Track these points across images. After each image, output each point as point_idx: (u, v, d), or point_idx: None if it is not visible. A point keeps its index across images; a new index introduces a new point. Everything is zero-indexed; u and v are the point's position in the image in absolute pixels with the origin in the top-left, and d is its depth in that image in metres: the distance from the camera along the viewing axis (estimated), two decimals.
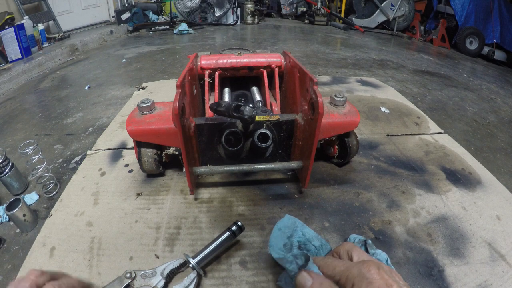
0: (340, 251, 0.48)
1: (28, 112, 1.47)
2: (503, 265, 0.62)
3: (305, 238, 0.57)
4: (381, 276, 0.37)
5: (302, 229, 0.58)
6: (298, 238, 0.56)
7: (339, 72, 2.04)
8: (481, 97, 1.84)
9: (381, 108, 1.33)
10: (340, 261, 0.43)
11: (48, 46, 2.81)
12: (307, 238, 0.57)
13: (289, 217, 0.60)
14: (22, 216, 0.70)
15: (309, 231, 0.58)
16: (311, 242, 0.56)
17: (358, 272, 0.38)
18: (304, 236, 0.57)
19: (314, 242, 0.56)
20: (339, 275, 0.41)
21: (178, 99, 0.58)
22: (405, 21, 4.21)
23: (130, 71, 2.08)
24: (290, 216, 0.60)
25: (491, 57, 3.55)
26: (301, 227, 0.58)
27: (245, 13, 4.27)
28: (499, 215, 0.75)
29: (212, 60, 0.99)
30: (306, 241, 0.56)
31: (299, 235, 0.57)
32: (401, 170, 0.92)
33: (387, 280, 0.37)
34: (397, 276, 0.39)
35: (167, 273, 0.56)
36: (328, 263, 0.44)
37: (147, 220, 0.72)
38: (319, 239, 0.57)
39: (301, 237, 0.57)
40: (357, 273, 0.38)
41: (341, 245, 0.49)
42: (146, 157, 0.78)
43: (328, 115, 0.76)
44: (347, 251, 0.46)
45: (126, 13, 3.79)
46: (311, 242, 0.56)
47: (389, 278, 0.37)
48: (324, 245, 0.56)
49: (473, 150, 1.14)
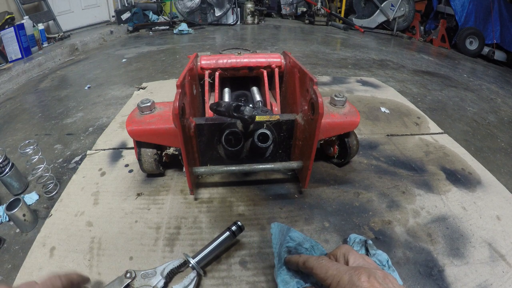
0: (337, 254, 0.48)
1: (28, 112, 1.47)
2: (503, 265, 0.62)
3: (295, 243, 0.56)
4: (371, 284, 0.37)
5: (290, 234, 0.58)
6: (287, 244, 0.56)
7: (339, 72, 2.04)
8: (481, 97, 1.84)
9: (381, 108, 1.33)
10: (334, 264, 0.43)
11: (48, 46, 2.81)
12: (298, 243, 0.56)
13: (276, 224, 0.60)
14: (22, 216, 0.70)
15: (297, 234, 0.58)
16: (302, 245, 0.56)
17: (348, 279, 0.39)
18: (294, 241, 0.56)
19: (304, 245, 0.56)
20: (330, 279, 0.41)
21: (178, 99, 0.58)
22: (405, 21, 4.21)
23: (130, 71, 2.08)
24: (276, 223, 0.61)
25: (491, 57, 3.55)
26: (288, 232, 0.58)
27: (245, 13, 4.27)
28: (499, 215, 0.75)
29: (212, 60, 0.99)
30: (296, 245, 0.56)
31: (287, 241, 0.57)
32: (401, 170, 0.92)
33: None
34: (391, 283, 0.38)
35: (167, 273, 0.56)
36: (321, 264, 0.44)
37: (147, 220, 0.72)
38: (308, 241, 0.56)
39: (290, 242, 0.56)
40: (347, 280, 0.39)
41: (339, 247, 0.49)
42: (146, 157, 0.78)
43: (328, 115, 0.76)
44: (343, 254, 0.47)
45: (126, 13, 3.79)
46: (302, 245, 0.56)
47: (380, 286, 0.37)
48: (315, 246, 0.56)
49: (473, 150, 1.14)
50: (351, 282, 0.38)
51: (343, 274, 0.40)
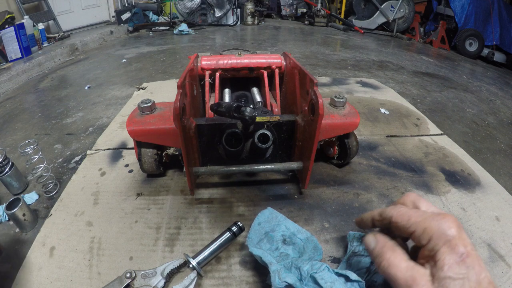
0: (406, 202, 0.44)
1: (28, 112, 1.47)
2: (502, 266, 0.62)
3: (289, 231, 0.56)
4: (460, 235, 0.34)
5: (285, 223, 0.58)
6: (282, 232, 0.56)
7: (339, 73, 2.04)
8: (480, 98, 1.85)
9: (380, 109, 1.33)
10: (416, 211, 0.40)
11: (48, 45, 2.81)
12: (292, 232, 0.56)
13: (271, 210, 0.60)
14: (22, 216, 0.70)
15: (292, 224, 0.58)
16: (296, 235, 0.56)
17: (437, 227, 0.35)
18: (289, 230, 0.56)
19: (299, 235, 0.56)
20: (414, 227, 0.37)
21: (178, 100, 0.58)
22: (405, 22, 4.22)
23: (130, 71, 2.08)
24: (272, 209, 0.60)
25: (490, 58, 3.56)
26: (284, 221, 0.58)
27: (245, 14, 4.28)
28: (498, 216, 0.75)
29: (212, 60, 0.99)
30: (291, 234, 0.56)
31: (282, 229, 0.57)
32: (401, 171, 0.92)
33: (464, 240, 0.34)
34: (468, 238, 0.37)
35: (167, 273, 0.56)
36: (402, 212, 0.40)
37: (147, 220, 0.72)
38: (303, 232, 0.57)
39: (285, 230, 0.56)
40: (436, 227, 0.35)
41: (406, 195, 0.45)
42: (146, 157, 0.78)
43: (328, 116, 0.77)
44: (412, 202, 0.43)
45: (126, 13, 3.80)
46: (296, 235, 0.56)
47: (467, 239, 0.35)
48: (310, 238, 0.56)
49: (472, 151, 1.14)
50: (440, 230, 0.35)
51: (430, 221, 0.36)
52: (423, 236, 0.36)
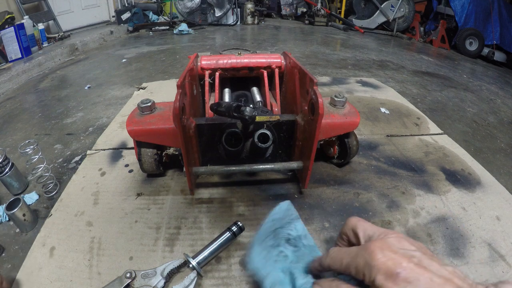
0: (346, 231, 0.45)
1: (28, 112, 1.47)
2: (502, 265, 0.62)
3: (297, 233, 0.54)
4: (387, 258, 0.34)
5: (296, 223, 0.56)
6: (289, 231, 0.54)
7: (339, 72, 2.04)
8: (480, 98, 1.85)
9: (380, 108, 1.33)
10: (345, 250, 0.40)
11: (48, 45, 2.81)
12: (299, 235, 0.54)
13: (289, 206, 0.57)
14: (22, 216, 0.70)
15: (302, 227, 0.56)
16: (301, 239, 0.54)
17: (364, 262, 0.36)
18: (297, 231, 0.55)
19: (304, 240, 0.54)
20: (349, 268, 0.38)
21: (178, 99, 0.58)
22: (405, 22, 4.22)
23: (130, 71, 2.08)
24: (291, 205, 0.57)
25: (490, 58, 3.56)
26: (296, 221, 0.56)
27: (245, 14, 4.27)
28: (499, 216, 0.75)
29: (212, 60, 0.99)
30: (297, 237, 0.54)
31: (290, 228, 0.55)
32: (401, 170, 0.92)
33: (394, 259, 0.34)
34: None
35: (167, 273, 0.56)
36: (334, 257, 0.41)
37: (147, 220, 0.72)
38: (309, 239, 0.55)
39: (293, 230, 0.55)
40: (363, 263, 0.36)
41: (347, 221, 0.45)
42: (146, 157, 0.78)
43: (328, 115, 0.77)
44: (352, 230, 0.43)
45: (126, 13, 3.80)
46: (302, 240, 0.54)
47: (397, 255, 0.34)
48: (313, 248, 0.54)
49: (472, 151, 1.14)
50: (367, 265, 0.35)
51: (357, 259, 0.37)
52: (359, 274, 0.36)
